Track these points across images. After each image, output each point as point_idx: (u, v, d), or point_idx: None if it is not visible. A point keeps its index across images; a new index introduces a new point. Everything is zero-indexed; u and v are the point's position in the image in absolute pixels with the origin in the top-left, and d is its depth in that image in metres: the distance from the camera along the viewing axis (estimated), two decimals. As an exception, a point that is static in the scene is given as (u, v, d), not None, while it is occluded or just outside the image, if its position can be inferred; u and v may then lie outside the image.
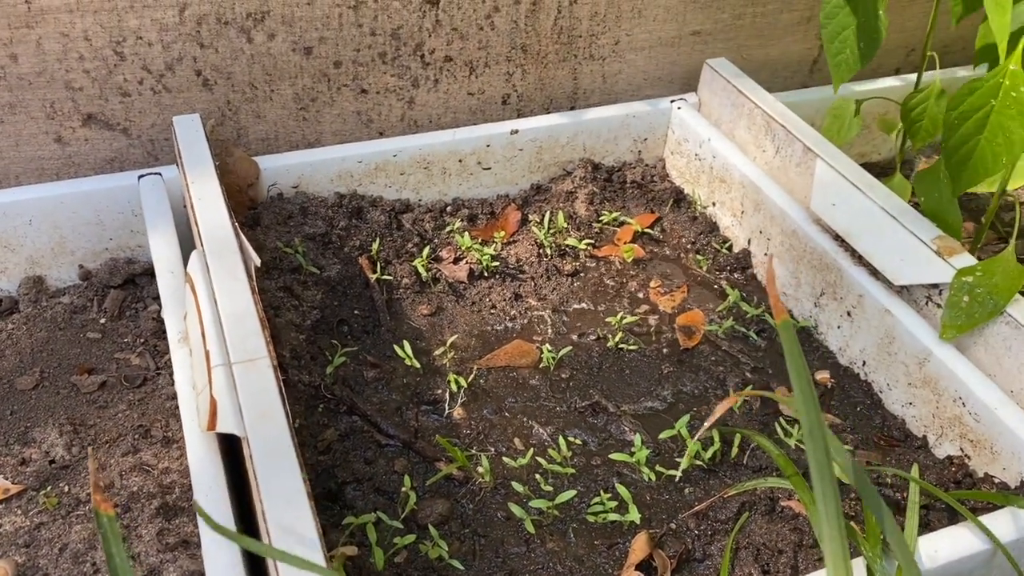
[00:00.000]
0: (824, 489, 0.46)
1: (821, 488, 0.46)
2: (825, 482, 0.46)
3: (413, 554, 0.73)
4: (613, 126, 1.18)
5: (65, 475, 0.80)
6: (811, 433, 0.47)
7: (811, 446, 0.47)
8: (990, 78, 0.88)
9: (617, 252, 1.10)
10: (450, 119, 1.17)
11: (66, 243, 1.00)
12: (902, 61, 1.40)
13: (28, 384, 0.89)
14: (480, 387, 0.92)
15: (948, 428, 0.85)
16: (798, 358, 0.48)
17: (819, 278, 0.98)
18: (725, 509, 0.79)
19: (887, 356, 0.91)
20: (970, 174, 0.88)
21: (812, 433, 0.47)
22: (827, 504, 0.46)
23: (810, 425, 0.47)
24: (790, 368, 0.48)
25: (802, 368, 0.47)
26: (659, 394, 0.92)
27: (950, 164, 0.89)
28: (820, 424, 0.48)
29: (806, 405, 0.48)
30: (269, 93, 1.06)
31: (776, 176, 1.08)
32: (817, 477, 0.47)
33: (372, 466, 0.80)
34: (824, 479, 0.46)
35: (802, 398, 0.48)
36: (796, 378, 0.48)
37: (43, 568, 0.72)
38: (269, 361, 0.71)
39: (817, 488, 0.46)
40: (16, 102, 0.97)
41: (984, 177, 0.88)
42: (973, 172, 0.88)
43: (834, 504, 0.46)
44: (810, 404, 0.48)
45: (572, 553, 0.76)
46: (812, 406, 0.48)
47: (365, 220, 1.07)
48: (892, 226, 0.92)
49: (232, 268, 0.80)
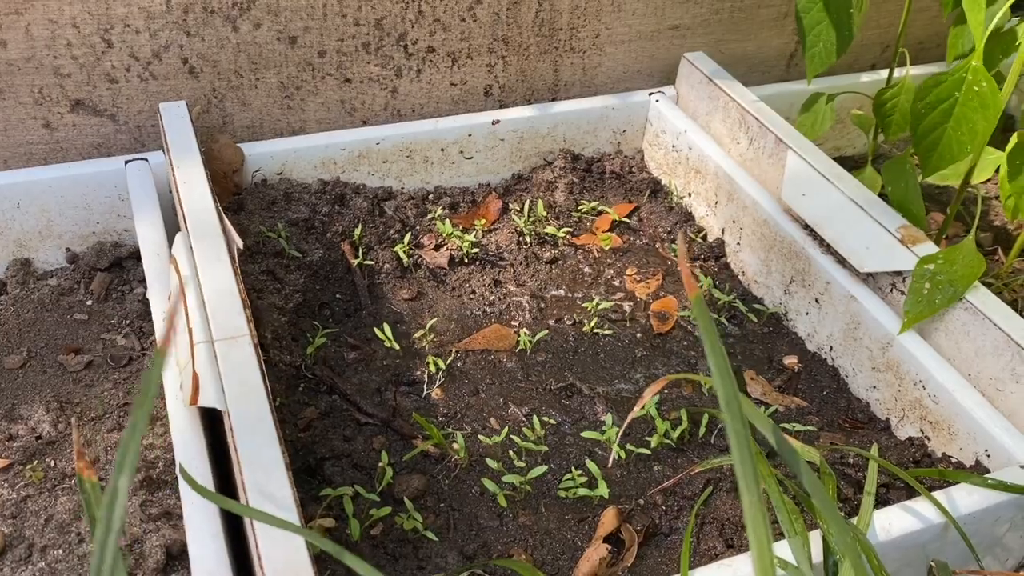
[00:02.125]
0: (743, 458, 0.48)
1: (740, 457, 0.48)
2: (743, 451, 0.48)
3: (389, 526, 0.76)
4: (593, 118, 1.20)
5: (51, 450, 0.83)
6: (728, 404, 0.49)
7: (728, 416, 0.49)
8: (955, 72, 0.91)
9: (595, 240, 1.13)
10: (433, 109, 1.19)
11: (53, 226, 1.02)
12: (878, 57, 1.43)
13: (16, 363, 0.91)
14: (458, 369, 0.94)
15: (909, 411, 0.88)
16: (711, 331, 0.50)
17: (789, 266, 1.01)
18: (691, 486, 0.81)
19: (853, 341, 0.94)
20: (937, 160, 0.91)
21: (729, 404, 0.49)
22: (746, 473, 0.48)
23: (726, 397, 0.49)
24: (704, 339, 0.50)
25: (715, 340, 0.49)
26: (632, 377, 0.95)
27: (919, 149, 0.92)
28: (735, 395, 0.49)
29: (722, 377, 0.49)
30: (254, 81, 1.08)
31: (749, 167, 1.11)
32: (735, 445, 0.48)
33: (351, 443, 0.83)
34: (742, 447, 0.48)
35: (717, 370, 0.49)
36: (710, 350, 0.49)
37: (29, 538, 0.74)
38: (250, 339, 0.73)
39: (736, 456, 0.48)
40: (5, 87, 0.98)
41: (951, 162, 0.91)
42: (940, 158, 0.91)
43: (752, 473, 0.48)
44: (725, 376, 0.49)
45: (543, 527, 0.78)
46: (727, 378, 0.49)
47: (348, 206, 1.10)
48: (859, 215, 0.95)
49: (216, 250, 0.82)
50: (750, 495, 0.46)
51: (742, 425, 0.47)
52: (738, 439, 0.47)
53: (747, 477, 0.46)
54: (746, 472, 0.46)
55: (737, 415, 0.47)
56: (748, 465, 0.46)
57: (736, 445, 0.47)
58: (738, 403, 0.47)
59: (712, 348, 0.47)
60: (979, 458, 0.81)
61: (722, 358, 0.48)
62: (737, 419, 0.47)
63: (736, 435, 0.47)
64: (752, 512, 0.46)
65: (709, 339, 0.48)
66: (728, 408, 0.47)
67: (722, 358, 0.48)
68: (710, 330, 0.49)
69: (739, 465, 0.47)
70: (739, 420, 0.47)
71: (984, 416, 0.81)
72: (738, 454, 0.47)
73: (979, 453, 0.81)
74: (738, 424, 0.47)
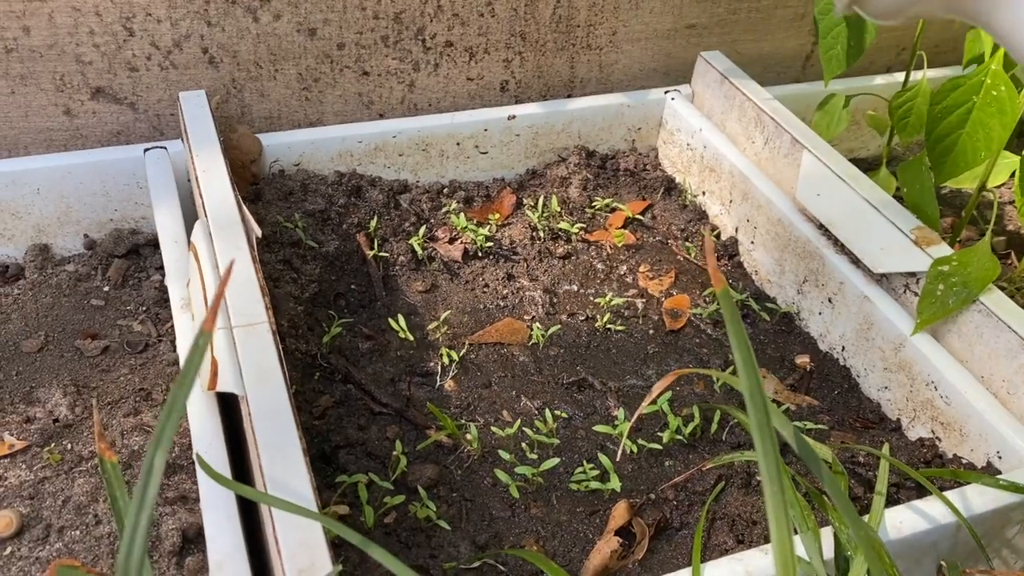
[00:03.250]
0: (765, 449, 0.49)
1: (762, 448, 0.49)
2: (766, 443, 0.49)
3: (402, 514, 0.76)
4: (608, 115, 1.21)
5: (68, 433, 0.83)
6: (751, 397, 0.50)
7: (751, 408, 0.50)
8: (973, 76, 0.91)
9: (608, 237, 1.13)
10: (449, 103, 1.20)
11: (72, 212, 1.03)
12: (893, 60, 1.43)
13: (33, 347, 0.92)
14: (471, 361, 0.95)
15: (920, 411, 0.89)
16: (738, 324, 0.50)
17: (802, 266, 1.02)
18: (703, 481, 0.82)
19: (865, 341, 0.95)
20: (951, 166, 0.91)
21: (752, 397, 0.49)
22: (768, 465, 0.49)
23: (749, 389, 0.49)
24: (730, 332, 0.50)
25: (741, 333, 0.50)
26: (643, 373, 0.95)
27: (933, 155, 0.92)
28: (759, 388, 0.50)
29: (746, 370, 0.50)
30: (273, 72, 1.09)
31: (764, 167, 1.11)
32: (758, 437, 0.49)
33: (365, 432, 0.83)
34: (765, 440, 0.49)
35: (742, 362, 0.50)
36: (736, 343, 0.50)
37: (47, 519, 0.75)
38: (268, 326, 0.74)
39: (759, 448, 0.49)
40: (27, 73, 0.99)
41: (964, 169, 0.92)
42: (954, 164, 0.92)
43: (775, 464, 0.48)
44: (750, 369, 0.50)
45: (554, 519, 0.79)
46: (752, 371, 0.50)
47: (364, 199, 1.10)
48: (873, 216, 0.95)
49: (234, 238, 0.83)
50: (772, 486, 0.47)
51: (765, 417, 0.48)
52: (761, 431, 0.48)
53: (769, 468, 0.47)
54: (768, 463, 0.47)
55: (761, 407, 0.48)
56: (771, 456, 0.47)
57: (759, 437, 0.48)
58: (762, 396, 0.48)
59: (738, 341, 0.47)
60: (991, 460, 0.82)
61: (747, 351, 0.49)
62: (761, 411, 0.48)
63: (759, 427, 0.48)
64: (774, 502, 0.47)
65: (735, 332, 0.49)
66: (752, 400, 0.48)
67: (747, 351, 0.49)
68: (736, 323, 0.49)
69: (762, 456, 0.47)
70: (763, 412, 0.48)
71: (996, 418, 0.81)
72: (761, 446, 0.47)
73: (991, 455, 0.82)
74: (761, 416, 0.48)
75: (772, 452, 0.47)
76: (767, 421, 0.48)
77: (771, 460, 0.47)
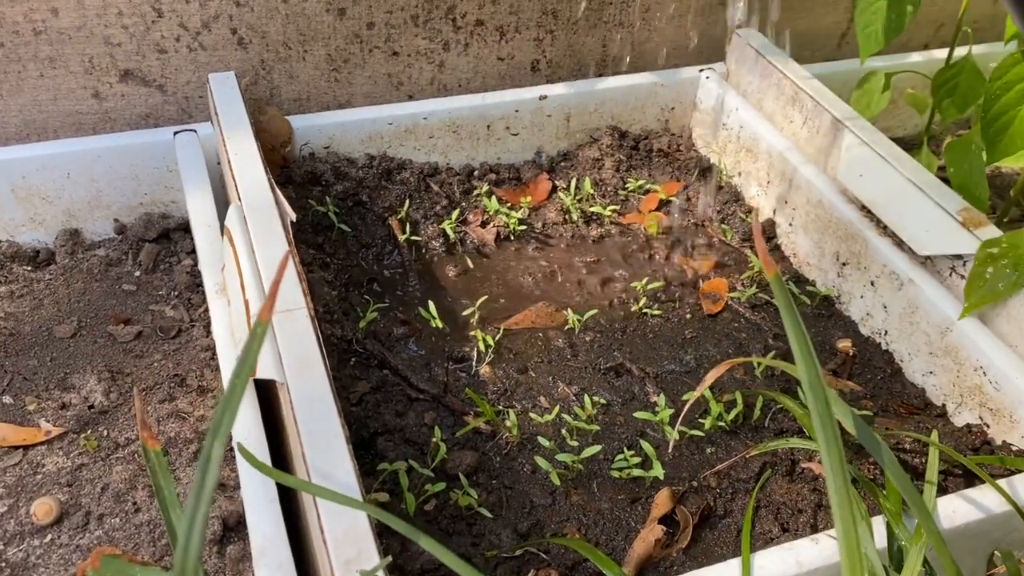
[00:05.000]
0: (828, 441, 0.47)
1: (824, 440, 0.48)
2: (828, 432, 0.47)
3: (443, 502, 0.75)
4: (641, 94, 1.19)
5: (104, 420, 0.83)
6: (811, 387, 0.48)
7: (811, 398, 0.48)
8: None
9: (642, 219, 1.11)
10: (479, 83, 1.18)
11: (102, 197, 1.02)
12: (931, 36, 1.39)
13: (66, 332, 0.92)
14: (506, 347, 0.93)
15: (968, 397, 0.87)
16: (792, 311, 0.49)
17: (843, 248, 0.99)
18: (746, 469, 0.80)
19: (909, 326, 0.92)
20: (1007, 144, 0.89)
21: (812, 387, 0.48)
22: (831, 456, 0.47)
23: (809, 379, 0.48)
24: (786, 322, 0.49)
25: (797, 320, 0.48)
26: (682, 358, 0.94)
27: (987, 133, 0.89)
28: (819, 377, 0.48)
29: (804, 360, 0.48)
30: (302, 53, 1.07)
31: (803, 147, 1.08)
32: (819, 427, 0.48)
33: (403, 418, 0.82)
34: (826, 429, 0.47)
35: (800, 352, 0.49)
36: (792, 332, 0.48)
37: (85, 506, 0.74)
38: (307, 311, 0.72)
39: (820, 440, 0.48)
40: (56, 56, 0.98)
41: (1021, 148, 0.89)
42: (1010, 142, 0.89)
43: (838, 456, 0.47)
44: (807, 358, 0.48)
45: (596, 506, 0.78)
46: (810, 360, 0.48)
47: (394, 182, 1.09)
48: (918, 197, 0.93)
49: (269, 222, 0.81)
50: (836, 480, 0.45)
51: (827, 409, 0.46)
52: (823, 423, 0.46)
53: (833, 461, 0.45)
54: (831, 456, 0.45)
55: (821, 398, 0.46)
56: (834, 449, 0.45)
57: (821, 429, 0.46)
58: (822, 386, 0.46)
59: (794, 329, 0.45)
60: (1042, 447, 0.80)
61: (804, 340, 0.47)
62: (822, 402, 0.46)
63: (821, 418, 0.46)
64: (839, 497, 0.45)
65: (791, 320, 0.47)
66: (812, 391, 0.46)
67: (804, 340, 0.47)
68: (791, 310, 0.48)
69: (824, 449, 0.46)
70: (823, 403, 0.46)
71: (1049, 404, 0.79)
72: (823, 437, 0.46)
73: (1042, 442, 0.80)
74: (823, 407, 0.46)
75: (835, 444, 0.46)
76: (829, 412, 0.46)
77: (834, 453, 0.46)
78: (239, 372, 0.39)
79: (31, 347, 0.90)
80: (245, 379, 0.39)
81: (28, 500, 0.74)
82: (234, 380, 0.38)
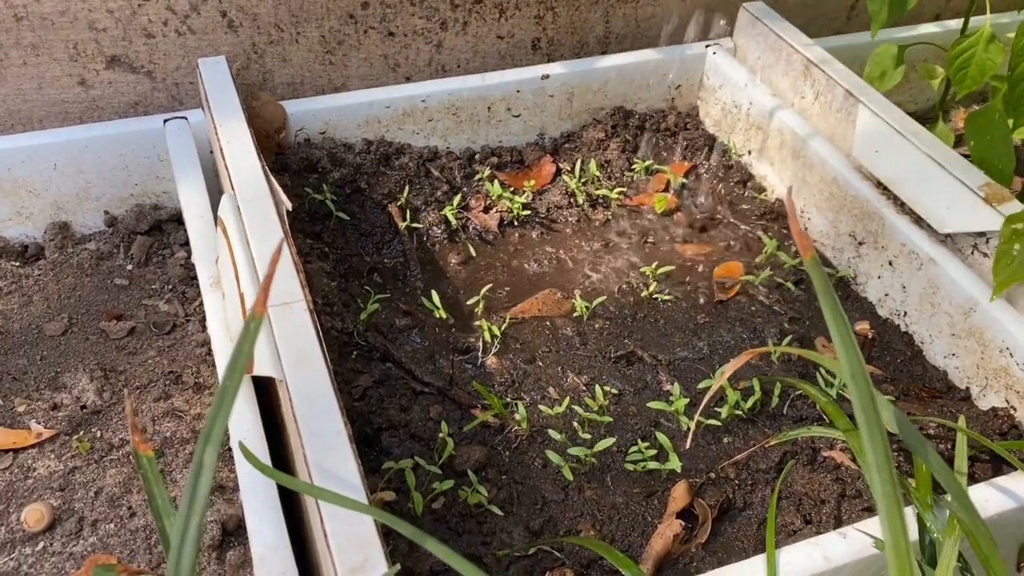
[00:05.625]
0: (871, 433, 0.45)
1: (868, 432, 0.45)
2: (872, 426, 0.44)
3: (451, 500, 0.72)
4: (646, 72, 1.15)
5: (97, 420, 0.80)
6: (854, 377, 0.45)
7: (855, 390, 0.45)
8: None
9: (650, 201, 1.08)
10: (479, 64, 1.14)
11: (91, 188, 0.99)
12: (943, 6, 1.35)
13: (57, 330, 0.88)
14: (512, 336, 0.90)
15: (993, 379, 0.84)
16: (831, 298, 0.46)
17: (860, 227, 0.96)
18: (766, 459, 0.77)
19: (930, 307, 0.89)
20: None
21: (855, 377, 0.45)
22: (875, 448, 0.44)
23: (851, 369, 0.45)
24: (825, 310, 0.46)
25: (837, 310, 0.45)
26: (695, 345, 0.91)
27: (1012, 95, 0.86)
28: (861, 368, 0.46)
29: (846, 349, 0.46)
30: (295, 36, 1.03)
31: (815, 123, 1.05)
32: (863, 421, 0.45)
33: (407, 413, 0.79)
34: (871, 423, 0.45)
35: (840, 339, 0.46)
36: (832, 320, 0.45)
37: (79, 511, 0.71)
38: (305, 304, 0.69)
39: (864, 432, 0.45)
40: (39, 42, 0.94)
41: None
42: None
43: (883, 448, 0.44)
44: (849, 347, 0.45)
45: (610, 501, 0.75)
46: (852, 349, 0.46)
47: (393, 167, 1.05)
48: (938, 173, 0.89)
49: (264, 211, 0.78)
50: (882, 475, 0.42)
51: (870, 400, 0.43)
52: (867, 415, 0.43)
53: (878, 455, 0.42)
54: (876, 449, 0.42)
55: (865, 390, 0.43)
56: (879, 442, 0.42)
57: (865, 422, 0.43)
58: (865, 377, 0.43)
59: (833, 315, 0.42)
60: (1074, 430, 0.77)
61: (845, 326, 0.44)
62: (865, 394, 0.43)
63: (864, 411, 0.43)
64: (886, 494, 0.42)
65: (829, 305, 0.44)
66: (855, 382, 0.43)
67: (845, 326, 0.44)
68: (829, 295, 0.44)
69: (868, 443, 0.43)
70: (867, 395, 0.43)
71: (1080, 386, 0.76)
72: (867, 431, 0.43)
73: (1074, 425, 0.77)
74: (866, 399, 0.43)
75: (880, 437, 0.43)
76: (872, 403, 0.43)
77: (879, 446, 0.43)
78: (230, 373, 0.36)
79: (20, 346, 0.87)
80: (238, 381, 0.36)
81: (19, 506, 0.71)
82: (226, 382, 0.35)
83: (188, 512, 0.35)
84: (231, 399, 0.36)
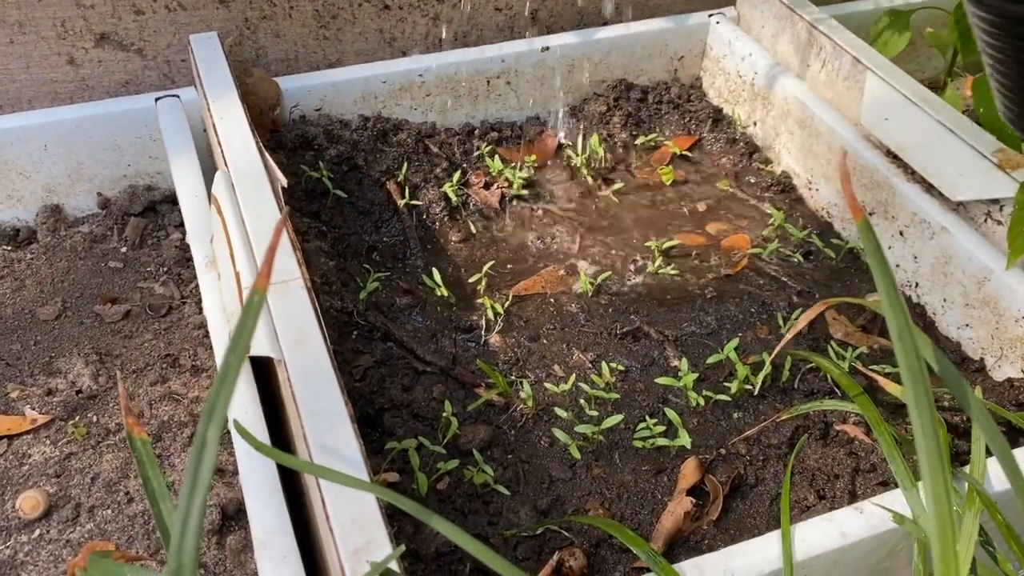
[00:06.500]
0: (917, 396, 0.43)
1: (914, 394, 0.43)
2: (918, 388, 0.43)
3: (456, 480, 0.71)
4: (647, 43, 1.12)
5: (93, 405, 0.78)
6: (900, 338, 0.44)
7: (901, 351, 0.44)
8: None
9: (654, 175, 1.06)
10: (476, 37, 1.11)
11: (83, 169, 0.97)
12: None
13: (50, 314, 0.87)
14: (516, 314, 0.88)
15: (1009, 349, 0.82)
16: (881, 259, 0.44)
17: (870, 196, 0.94)
18: (777, 434, 0.76)
19: (943, 276, 0.87)
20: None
21: (902, 338, 0.44)
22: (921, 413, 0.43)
23: (899, 329, 0.44)
24: (874, 269, 0.44)
25: (885, 266, 0.44)
26: (702, 320, 0.89)
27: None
28: (909, 327, 0.44)
29: (893, 308, 0.44)
30: (288, 10, 1.01)
31: (822, 92, 1.02)
32: (909, 384, 0.43)
33: (410, 392, 0.78)
34: (917, 385, 0.43)
35: (888, 301, 0.44)
36: (881, 280, 0.44)
37: (75, 498, 0.70)
38: (303, 282, 0.67)
39: (910, 394, 0.43)
40: (25, 20, 0.92)
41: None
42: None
43: (928, 412, 0.42)
44: (897, 307, 0.44)
45: (619, 479, 0.73)
46: (900, 309, 0.44)
47: (391, 143, 1.03)
48: (949, 140, 0.87)
49: (259, 189, 0.76)
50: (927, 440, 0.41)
51: (917, 362, 0.41)
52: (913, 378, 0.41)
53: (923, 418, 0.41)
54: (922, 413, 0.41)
55: (912, 351, 0.41)
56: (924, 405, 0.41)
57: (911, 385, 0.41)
58: (912, 337, 0.42)
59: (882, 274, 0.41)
60: (1092, 400, 0.75)
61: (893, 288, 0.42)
62: (912, 355, 0.41)
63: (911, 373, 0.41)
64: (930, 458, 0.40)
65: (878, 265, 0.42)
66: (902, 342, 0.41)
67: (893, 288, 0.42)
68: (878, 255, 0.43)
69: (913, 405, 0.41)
70: (914, 356, 0.41)
71: (1099, 354, 0.74)
72: (912, 393, 0.41)
73: (1092, 394, 0.75)
74: (913, 361, 0.41)
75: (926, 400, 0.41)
76: (920, 368, 0.42)
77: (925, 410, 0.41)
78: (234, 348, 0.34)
79: (13, 331, 0.85)
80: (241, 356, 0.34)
81: (14, 493, 0.70)
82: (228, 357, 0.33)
83: (191, 491, 0.34)
84: (235, 374, 0.35)
